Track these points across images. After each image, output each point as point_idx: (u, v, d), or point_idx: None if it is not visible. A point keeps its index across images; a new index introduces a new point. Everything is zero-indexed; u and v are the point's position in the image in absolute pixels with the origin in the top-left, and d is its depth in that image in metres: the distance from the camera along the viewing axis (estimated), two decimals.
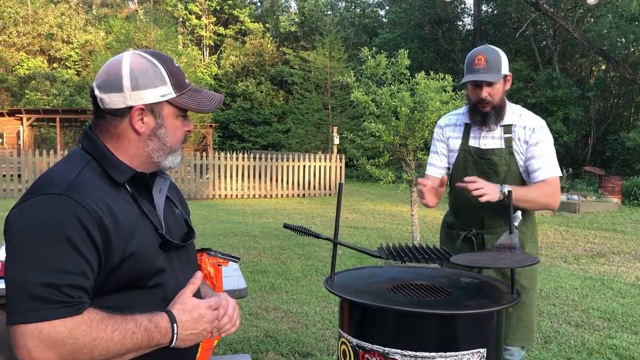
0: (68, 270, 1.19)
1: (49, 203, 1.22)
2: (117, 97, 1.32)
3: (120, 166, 1.36)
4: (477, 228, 2.52)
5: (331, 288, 1.94)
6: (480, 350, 1.74)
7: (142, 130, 1.36)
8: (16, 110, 22.06)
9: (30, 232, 1.19)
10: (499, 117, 2.44)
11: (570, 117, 19.24)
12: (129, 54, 1.37)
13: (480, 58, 2.36)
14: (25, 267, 1.17)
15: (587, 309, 4.91)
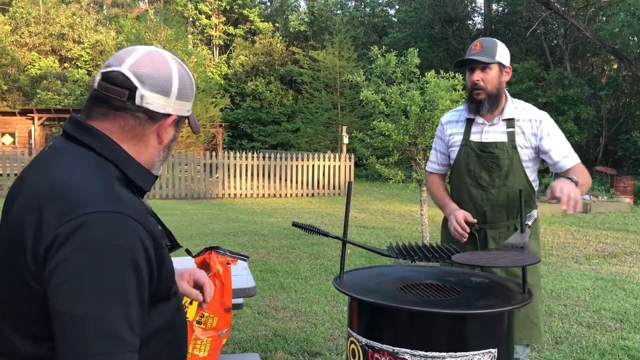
0: (138, 302, 1.06)
1: (114, 223, 1.06)
2: (162, 101, 1.21)
3: (145, 173, 1.26)
4: (479, 223, 2.51)
5: (340, 287, 1.93)
6: (492, 351, 1.72)
7: (165, 139, 1.27)
8: (28, 110, 22.21)
9: (105, 258, 1.03)
10: (493, 107, 2.47)
11: (581, 117, 19.08)
12: (169, 55, 1.26)
13: (477, 44, 2.47)
14: (102, 299, 1.01)
15: (599, 309, 4.86)
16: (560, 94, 19.10)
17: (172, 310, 1.25)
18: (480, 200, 2.50)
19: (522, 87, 19.90)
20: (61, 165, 1.14)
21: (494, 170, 2.46)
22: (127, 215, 1.07)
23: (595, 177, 16.89)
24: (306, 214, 11.30)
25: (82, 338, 0.99)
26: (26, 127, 21.85)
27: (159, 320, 1.20)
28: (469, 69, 2.48)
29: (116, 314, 1.01)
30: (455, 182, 2.62)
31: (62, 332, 1.01)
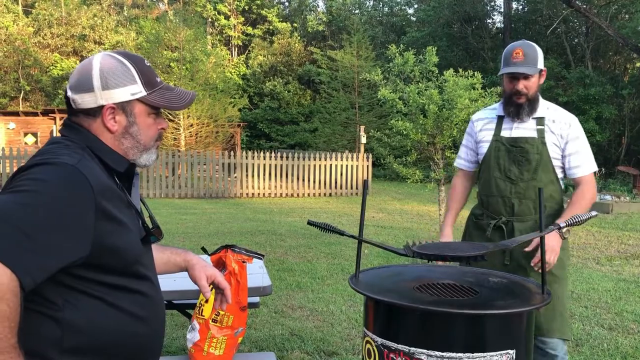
0: (52, 248, 1.15)
1: (68, 171, 1.21)
2: (88, 97, 1.35)
3: (116, 156, 1.39)
4: (506, 216, 2.56)
5: (356, 286, 1.91)
6: (509, 352, 1.69)
7: (115, 129, 1.38)
8: (50, 110, 22.54)
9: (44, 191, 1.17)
10: (532, 110, 2.53)
11: (603, 116, 18.80)
12: (99, 55, 1.40)
13: (518, 52, 2.46)
14: (18, 208, 1.13)
15: (621, 311, 4.77)
16: (582, 93, 18.84)
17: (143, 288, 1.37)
18: (508, 193, 2.54)
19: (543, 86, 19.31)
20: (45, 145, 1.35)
21: (523, 164, 2.51)
22: (80, 172, 1.22)
23: (617, 177, 16.63)
24: (323, 214, 11.29)
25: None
26: (48, 127, 22.17)
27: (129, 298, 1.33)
28: (511, 76, 2.51)
29: (20, 224, 1.11)
30: (485, 176, 2.66)
31: None
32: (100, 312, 1.28)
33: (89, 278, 1.26)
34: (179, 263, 1.68)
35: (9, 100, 30.93)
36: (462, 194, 2.84)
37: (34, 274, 1.13)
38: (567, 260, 2.59)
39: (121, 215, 1.31)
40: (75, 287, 1.26)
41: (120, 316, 1.32)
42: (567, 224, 1.86)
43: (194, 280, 1.65)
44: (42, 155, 1.27)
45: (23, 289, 1.12)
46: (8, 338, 1.09)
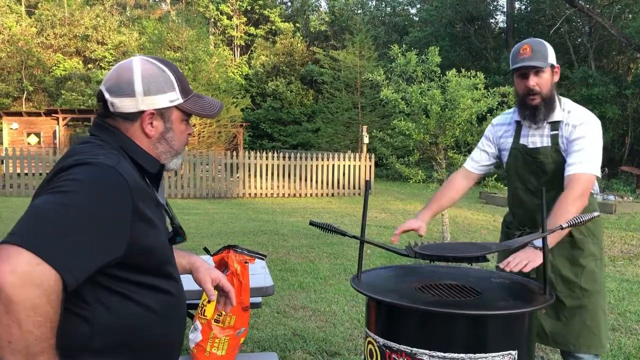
0: (93, 249, 1.16)
1: (107, 171, 1.23)
2: (129, 102, 1.36)
3: (149, 157, 1.41)
4: (530, 227, 2.45)
5: (357, 287, 1.91)
6: (511, 353, 1.69)
7: (152, 134, 1.41)
8: (52, 110, 22.59)
9: (86, 192, 1.17)
10: (549, 111, 2.36)
11: (606, 116, 18.76)
12: (138, 59, 1.40)
13: (526, 47, 2.32)
14: (61, 209, 1.13)
15: (624, 312, 4.76)
16: (585, 93, 18.81)
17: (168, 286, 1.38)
18: (530, 205, 2.44)
19: None
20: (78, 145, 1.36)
21: (540, 175, 2.41)
22: (120, 174, 1.23)
23: (620, 177, 16.61)
24: (326, 214, 11.29)
25: (27, 221, 1.13)
26: (51, 128, 22.22)
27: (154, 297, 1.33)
28: (520, 75, 2.36)
29: (64, 226, 1.12)
30: (510, 187, 2.57)
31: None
32: (130, 310, 1.29)
33: (121, 277, 1.27)
34: (184, 265, 1.69)
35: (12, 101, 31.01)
36: (457, 192, 2.67)
37: (77, 274, 1.13)
38: (600, 273, 2.42)
39: (153, 216, 1.33)
40: (107, 286, 1.27)
41: (148, 314, 1.33)
42: (569, 224, 1.85)
43: (198, 283, 1.67)
44: (79, 155, 1.27)
45: (65, 290, 1.12)
46: (49, 339, 1.10)
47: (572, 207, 2.16)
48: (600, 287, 2.42)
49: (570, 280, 2.34)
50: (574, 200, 2.19)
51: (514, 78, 2.42)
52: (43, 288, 1.06)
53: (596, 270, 2.39)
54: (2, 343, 1.05)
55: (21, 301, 1.04)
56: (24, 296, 1.04)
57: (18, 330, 1.05)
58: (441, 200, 2.65)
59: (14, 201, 12.78)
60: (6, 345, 1.05)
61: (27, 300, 1.05)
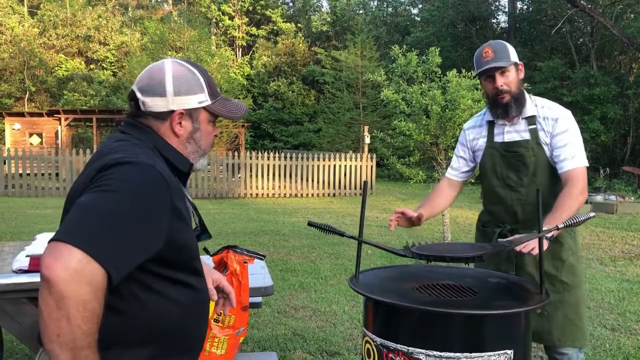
0: (137, 245, 1.20)
1: (147, 171, 1.26)
2: (160, 101, 1.41)
3: (180, 156, 1.46)
4: (511, 224, 2.48)
5: (355, 287, 1.93)
6: (507, 352, 1.70)
7: (181, 133, 1.45)
8: (55, 111, 22.63)
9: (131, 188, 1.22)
10: (520, 106, 2.42)
11: (608, 116, 18.75)
12: (170, 61, 1.46)
13: (487, 50, 2.40)
14: (109, 209, 1.17)
15: (624, 312, 4.77)
16: (586, 93, 18.79)
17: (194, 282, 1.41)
18: (509, 201, 2.47)
19: (547, 86, 19.63)
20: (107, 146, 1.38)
21: (521, 169, 2.43)
22: (159, 172, 1.27)
23: (622, 178, 16.59)
24: (327, 214, 11.30)
25: (75, 219, 1.15)
26: (53, 128, 22.28)
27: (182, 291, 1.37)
28: (487, 77, 2.43)
29: (112, 226, 1.15)
30: (485, 185, 2.60)
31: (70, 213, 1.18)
32: (160, 304, 1.33)
33: (155, 272, 1.31)
34: None
35: (15, 101, 31.08)
36: (445, 199, 2.70)
37: (122, 270, 1.17)
38: (578, 266, 2.48)
39: (186, 214, 1.37)
40: (142, 281, 1.30)
41: (176, 309, 1.37)
42: (565, 224, 1.86)
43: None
44: (118, 154, 1.30)
45: (110, 285, 1.16)
46: (94, 333, 1.14)
47: (575, 203, 2.25)
48: (580, 280, 2.48)
49: (551, 275, 2.38)
50: (577, 196, 2.26)
51: (482, 81, 2.48)
52: (93, 285, 1.11)
53: (575, 264, 2.45)
54: (51, 336, 1.09)
55: (72, 297, 1.08)
56: (75, 292, 1.08)
57: (67, 324, 1.09)
58: (435, 202, 2.67)
59: (17, 201, 12.81)
60: (55, 338, 1.09)
61: (78, 297, 1.09)
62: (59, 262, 1.08)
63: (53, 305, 1.08)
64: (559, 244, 2.43)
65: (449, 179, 2.73)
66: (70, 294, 1.08)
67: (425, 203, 2.65)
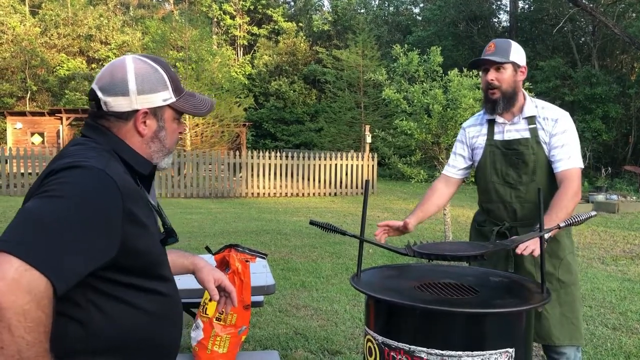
0: (83, 251, 1.15)
1: (97, 175, 1.22)
2: (123, 101, 1.36)
3: (140, 158, 1.41)
4: (509, 222, 2.49)
5: (357, 285, 1.93)
6: (509, 350, 1.71)
7: (145, 133, 1.41)
8: (56, 110, 22.65)
9: (75, 195, 1.17)
10: (508, 105, 2.46)
11: (609, 115, 18.72)
12: (130, 58, 1.40)
13: (492, 45, 2.48)
14: (52, 215, 1.13)
15: (625, 311, 4.77)
16: (588, 92, 18.77)
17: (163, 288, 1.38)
18: (509, 198, 2.49)
19: (549, 85, 19.62)
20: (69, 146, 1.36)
21: (520, 167, 2.46)
22: (109, 176, 1.22)
23: (624, 177, 16.57)
24: (328, 213, 11.30)
25: (17, 226, 1.11)
26: (55, 127, 22.29)
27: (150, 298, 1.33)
28: (484, 70, 2.49)
29: (55, 233, 1.11)
30: (482, 183, 2.61)
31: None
32: (123, 312, 1.29)
33: (113, 279, 1.27)
34: (186, 265, 1.71)
35: (16, 101, 31.10)
36: (440, 198, 2.71)
37: (68, 278, 1.12)
38: (574, 265, 2.50)
39: (145, 219, 1.32)
40: (99, 289, 1.26)
41: (142, 316, 1.33)
42: (567, 223, 1.86)
43: (201, 282, 1.69)
44: (69, 158, 1.26)
45: (56, 294, 1.12)
46: (43, 343, 1.11)
47: (571, 203, 2.28)
48: (575, 278, 2.49)
49: (549, 272, 2.40)
50: (572, 197, 2.31)
51: (481, 76, 2.55)
52: (33, 294, 1.06)
53: (571, 262, 2.48)
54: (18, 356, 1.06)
55: (11, 307, 1.04)
56: (14, 303, 1.04)
57: (9, 336, 1.05)
58: (425, 207, 2.68)
59: (18, 200, 12.83)
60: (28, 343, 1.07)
61: (18, 307, 1.05)
62: (5, 281, 1.04)
63: (6, 323, 1.04)
64: (557, 242, 2.44)
65: (447, 177, 2.75)
66: (9, 305, 1.04)
67: (418, 206, 2.68)
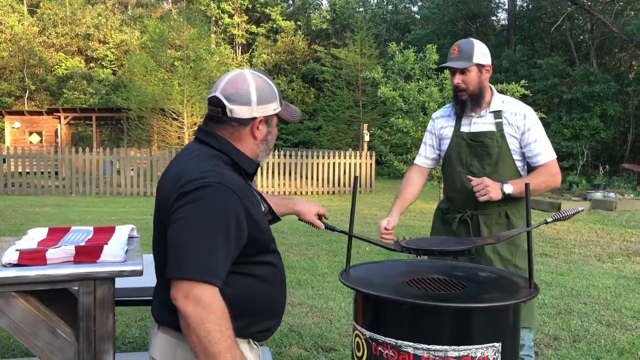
0: (225, 249, 1.45)
1: (217, 190, 1.47)
2: (245, 109, 1.60)
3: (248, 160, 1.67)
4: (471, 209, 2.62)
5: (345, 281, 1.94)
6: (495, 345, 1.71)
7: (258, 136, 1.66)
8: (54, 109, 22.65)
9: (208, 212, 1.44)
10: (476, 105, 2.61)
11: (607, 113, 18.73)
12: (249, 73, 1.66)
13: (455, 48, 2.60)
14: (199, 237, 1.42)
15: (620, 308, 4.78)
16: (586, 90, 18.78)
17: (272, 259, 1.67)
18: (471, 188, 2.57)
19: (547, 83, 19.62)
20: (187, 156, 1.62)
21: (484, 158, 2.59)
22: (227, 187, 1.48)
23: (621, 175, 16.58)
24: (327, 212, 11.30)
25: (180, 257, 1.41)
26: (53, 126, 22.29)
27: (264, 269, 1.64)
28: (451, 72, 2.63)
29: (205, 250, 1.42)
30: (448, 171, 2.74)
31: (169, 255, 1.43)
32: (248, 283, 1.58)
33: (239, 262, 1.54)
34: (284, 212, 2.11)
35: (14, 100, 31.10)
36: (414, 187, 2.87)
37: (222, 276, 1.44)
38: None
39: (255, 210, 1.58)
40: (231, 270, 1.53)
41: (262, 284, 1.62)
42: (553, 219, 1.87)
43: (308, 221, 2.10)
44: (190, 175, 1.50)
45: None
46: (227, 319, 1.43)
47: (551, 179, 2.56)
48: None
49: (506, 259, 2.53)
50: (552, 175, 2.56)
51: (450, 77, 2.71)
52: (207, 302, 1.39)
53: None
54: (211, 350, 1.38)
55: (198, 317, 1.38)
56: (199, 314, 1.38)
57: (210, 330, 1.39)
58: (404, 196, 2.85)
59: (16, 200, 12.83)
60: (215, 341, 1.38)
61: (203, 317, 1.39)
62: (181, 298, 1.39)
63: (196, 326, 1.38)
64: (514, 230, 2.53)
65: (418, 167, 2.91)
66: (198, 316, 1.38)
67: (397, 199, 2.83)
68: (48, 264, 1.74)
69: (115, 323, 1.93)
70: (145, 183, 14.62)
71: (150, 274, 1.94)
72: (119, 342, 3.95)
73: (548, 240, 8.06)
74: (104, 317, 1.74)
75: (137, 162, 14.93)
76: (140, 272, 1.80)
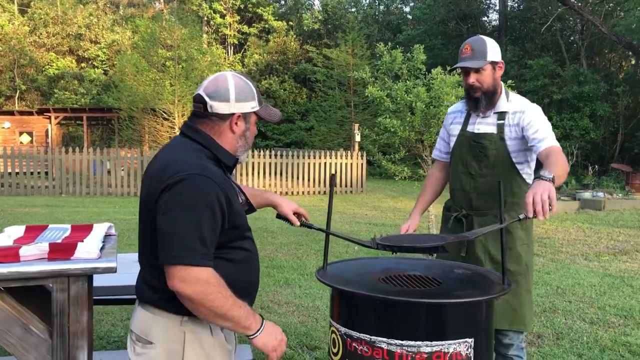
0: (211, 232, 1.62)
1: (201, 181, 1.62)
2: (224, 106, 1.76)
3: (227, 153, 1.81)
4: (467, 209, 2.62)
5: (322, 278, 1.95)
6: (468, 340, 1.73)
7: (236, 131, 1.80)
8: (45, 109, 22.52)
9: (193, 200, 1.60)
10: (490, 103, 2.57)
11: (597, 113, 18.83)
12: (231, 74, 1.82)
13: (467, 47, 2.53)
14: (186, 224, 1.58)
15: (604, 306, 4.82)
16: (576, 91, 18.87)
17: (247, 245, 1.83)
18: (468, 187, 2.61)
19: (537, 83, 19.70)
20: (171, 149, 1.78)
21: (482, 160, 2.56)
22: (209, 178, 1.64)
23: (610, 175, 16.68)
24: (317, 212, 11.30)
25: (171, 245, 1.58)
26: (43, 127, 22.17)
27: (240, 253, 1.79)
28: (463, 72, 2.58)
29: (193, 235, 1.58)
30: (452, 169, 2.74)
31: (159, 243, 1.60)
32: (227, 266, 1.71)
33: (218, 246, 1.68)
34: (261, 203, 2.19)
35: (5, 100, 30.92)
36: (435, 184, 2.87)
37: (211, 256, 1.62)
38: (526, 257, 2.56)
39: (235, 200, 1.74)
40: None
41: (238, 267, 1.77)
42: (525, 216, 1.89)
43: (283, 215, 2.15)
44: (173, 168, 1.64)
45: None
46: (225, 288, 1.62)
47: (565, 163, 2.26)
48: (525, 269, 2.56)
49: (497, 261, 2.46)
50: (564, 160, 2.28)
51: (462, 76, 2.63)
52: (204, 280, 1.57)
53: (522, 254, 2.54)
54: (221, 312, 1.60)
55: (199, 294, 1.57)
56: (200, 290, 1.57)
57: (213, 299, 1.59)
58: (423, 198, 2.87)
59: (5, 200, 12.76)
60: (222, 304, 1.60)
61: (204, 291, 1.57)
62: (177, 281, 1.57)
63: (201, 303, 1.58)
64: (509, 234, 2.49)
65: (437, 161, 2.92)
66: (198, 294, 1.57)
67: (418, 199, 2.87)
68: (21, 261, 1.74)
69: (92, 320, 1.93)
70: (135, 183, 14.58)
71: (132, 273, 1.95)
72: (104, 342, 3.95)
73: (536, 239, 8.11)
74: (78, 314, 1.74)
75: (127, 162, 14.89)
76: (114, 269, 1.81)
